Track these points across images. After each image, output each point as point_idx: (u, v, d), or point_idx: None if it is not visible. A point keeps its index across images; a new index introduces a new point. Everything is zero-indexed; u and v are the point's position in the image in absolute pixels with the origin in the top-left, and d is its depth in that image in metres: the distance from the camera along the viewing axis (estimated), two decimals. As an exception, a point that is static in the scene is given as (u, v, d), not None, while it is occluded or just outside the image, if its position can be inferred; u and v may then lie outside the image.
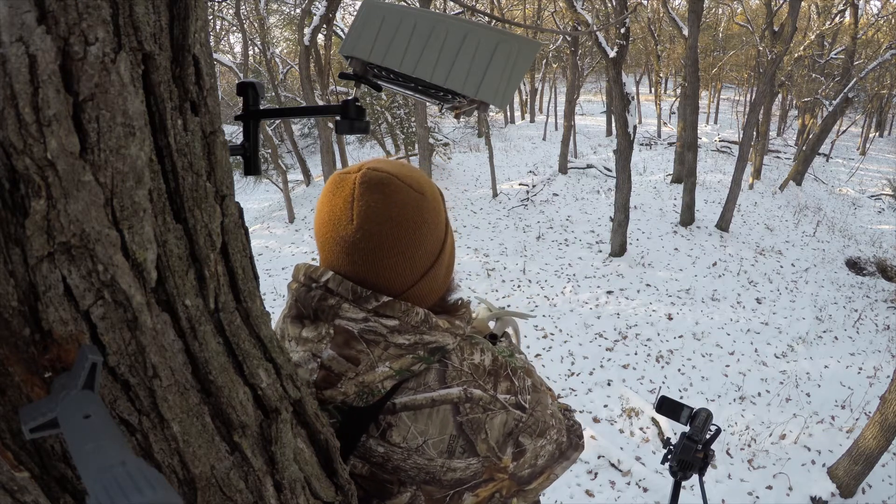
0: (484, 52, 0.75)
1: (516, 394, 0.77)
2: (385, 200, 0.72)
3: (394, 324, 0.71)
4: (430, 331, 0.73)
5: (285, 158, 17.97)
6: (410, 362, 0.72)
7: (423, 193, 0.75)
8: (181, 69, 0.46)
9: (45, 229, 0.38)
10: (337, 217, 0.73)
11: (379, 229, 0.71)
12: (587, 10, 11.27)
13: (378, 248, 0.72)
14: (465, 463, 0.73)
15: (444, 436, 0.72)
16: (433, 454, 0.72)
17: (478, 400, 0.73)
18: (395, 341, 0.71)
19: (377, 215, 0.71)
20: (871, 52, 18.65)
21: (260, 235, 11.99)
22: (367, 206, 0.71)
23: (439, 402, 0.72)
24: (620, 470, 5.20)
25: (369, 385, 0.71)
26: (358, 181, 0.72)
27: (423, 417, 0.72)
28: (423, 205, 0.74)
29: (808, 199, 14.79)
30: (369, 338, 0.71)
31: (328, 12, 10.54)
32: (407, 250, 0.73)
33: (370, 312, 0.71)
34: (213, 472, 0.52)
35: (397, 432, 0.71)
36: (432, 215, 0.75)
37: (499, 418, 0.75)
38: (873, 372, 7.07)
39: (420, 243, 0.74)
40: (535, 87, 26.09)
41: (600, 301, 8.48)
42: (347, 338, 0.71)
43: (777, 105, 22.22)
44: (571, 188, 14.14)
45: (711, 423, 1.60)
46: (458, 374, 0.73)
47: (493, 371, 0.77)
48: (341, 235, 0.73)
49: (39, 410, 0.37)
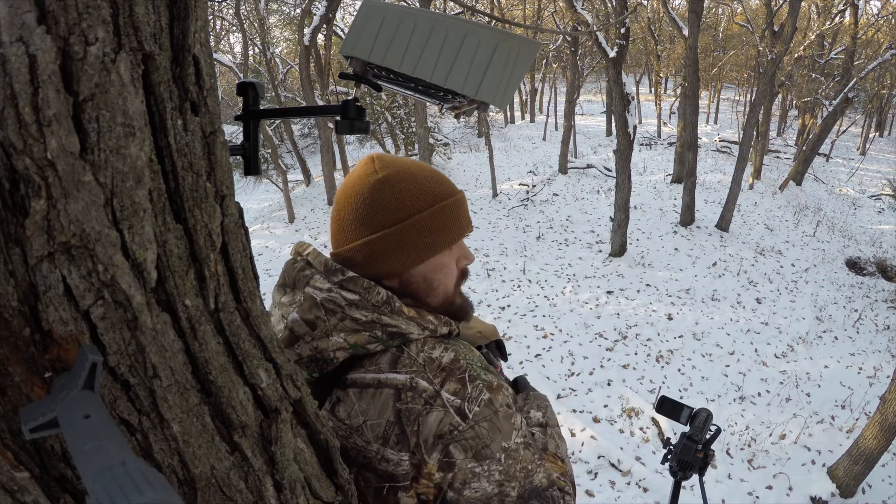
0: (484, 52, 0.75)
1: (463, 399, 0.73)
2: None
3: (354, 297, 0.76)
4: (391, 314, 0.76)
5: (285, 158, 17.97)
6: (367, 340, 0.75)
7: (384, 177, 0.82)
8: (181, 69, 0.46)
9: (45, 229, 0.38)
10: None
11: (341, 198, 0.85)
12: (587, 10, 11.27)
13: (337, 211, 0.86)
14: (398, 457, 0.72)
15: (382, 420, 0.73)
16: (370, 437, 0.73)
17: (421, 391, 0.72)
18: (351, 314, 0.75)
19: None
20: (871, 52, 18.66)
21: (260, 235, 11.98)
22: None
23: (384, 385, 0.74)
24: (620, 470, 5.20)
25: (322, 352, 0.75)
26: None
27: (366, 397, 0.74)
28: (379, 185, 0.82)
29: (808, 199, 14.79)
30: (329, 307, 0.76)
31: (328, 12, 10.54)
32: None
33: (335, 284, 0.77)
34: (213, 472, 0.52)
35: (343, 408, 0.75)
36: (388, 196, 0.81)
37: (434, 415, 0.72)
38: (873, 372, 7.06)
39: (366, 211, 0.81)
40: (535, 87, 26.09)
41: (600, 301, 8.48)
42: (311, 304, 0.77)
43: (777, 105, 22.22)
44: (571, 188, 14.14)
45: (711, 423, 1.60)
46: (411, 362, 0.74)
47: (448, 369, 0.75)
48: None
49: (39, 410, 0.37)
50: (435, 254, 0.82)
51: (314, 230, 12.22)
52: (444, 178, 0.85)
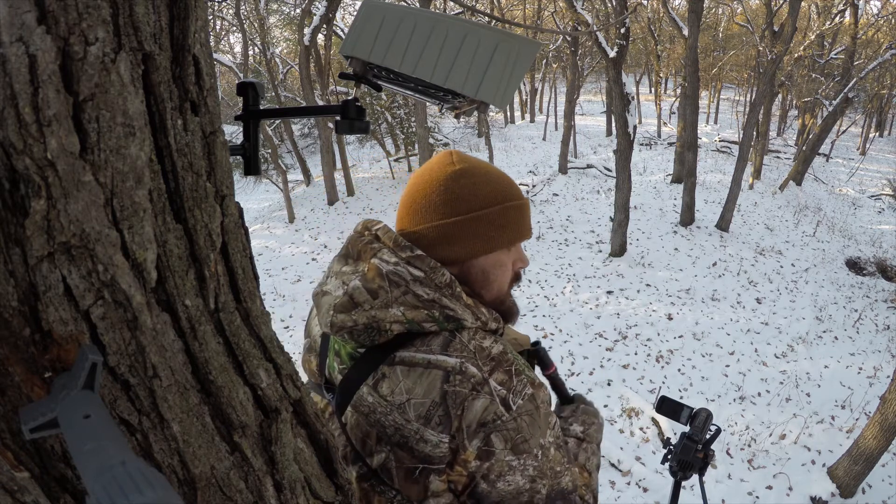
0: (484, 52, 0.75)
1: (509, 390, 0.75)
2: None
3: (419, 274, 0.78)
4: (451, 297, 0.78)
5: (285, 158, 17.97)
6: (424, 318, 0.76)
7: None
8: (181, 69, 0.46)
9: (45, 229, 0.38)
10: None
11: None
12: (587, 10, 11.27)
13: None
14: (438, 438, 0.73)
15: (427, 399, 0.73)
16: (411, 416, 0.74)
17: (470, 376, 0.74)
18: (414, 290, 0.77)
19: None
20: (871, 52, 18.66)
21: (260, 235, 11.98)
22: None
23: (434, 366, 0.74)
24: (620, 470, 5.20)
25: (379, 322, 0.76)
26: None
27: (414, 375, 0.75)
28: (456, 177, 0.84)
29: (808, 199, 14.79)
30: (393, 279, 0.78)
31: (328, 12, 10.54)
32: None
33: (402, 260, 0.79)
34: (213, 472, 0.52)
35: (387, 384, 0.75)
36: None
37: (480, 402, 0.73)
38: (873, 372, 7.06)
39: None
40: (535, 87, 26.09)
41: (600, 301, 8.48)
42: (376, 274, 0.78)
43: (777, 105, 22.22)
44: (571, 188, 14.14)
45: (711, 423, 1.60)
46: (462, 347, 0.76)
47: (497, 359, 0.76)
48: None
49: (39, 410, 0.37)
50: (498, 248, 0.85)
51: (314, 230, 12.22)
52: (513, 182, 0.89)
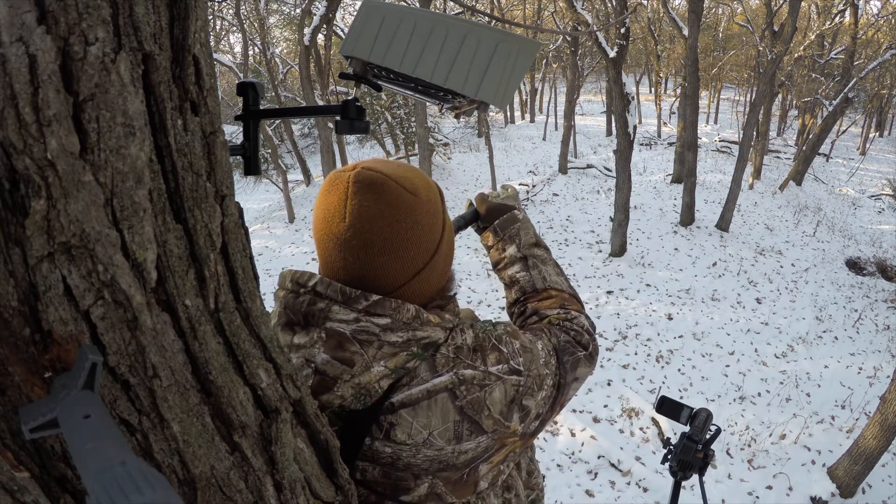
0: (484, 52, 0.75)
1: (507, 361, 0.77)
2: (377, 200, 0.72)
3: (385, 322, 0.71)
4: (421, 326, 0.73)
5: (285, 158, 17.97)
6: (405, 360, 0.72)
7: (417, 195, 0.75)
8: (181, 69, 0.46)
9: (45, 229, 0.38)
10: (331, 215, 0.74)
11: (370, 227, 0.72)
12: (587, 10, 11.27)
13: (369, 246, 0.73)
14: (475, 443, 0.74)
15: (448, 423, 0.72)
16: (441, 444, 0.72)
17: (471, 380, 0.73)
18: (388, 339, 0.71)
19: (368, 214, 0.72)
20: (871, 52, 18.66)
21: (260, 235, 11.98)
22: (359, 205, 0.72)
23: (435, 392, 0.72)
24: (620, 470, 5.20)
25: (366, 386, 0.71)
26: (351, 180, 0.73)
27: (422, 411, 0.72)
28: (416, 206, 0.74)
29: (808, 199, 14.79)
30: (362, 338, 0.70)
31: (328, 12, 10.53)
32: (398, 250, 0.73)
33: (361, 312, 0.71)
34: (213, 472, 0.52)
35: (401, 430, 0.72)
36: (426, 217, 0.76)
37: (497, 391, 0.74)
38: (873, 372, 7.06)
39: (412, 244, 0.74)
40: (535, 87, 26.08)
41: (600, 301, 8.48)
42: (340, 340, 0.71)
43: (777, 105, 22.23)
44: (571, 188, 14.14)
45: (711, 423, 1.60)
46: (446, 360, 0.73)
47: (478, 346, 0.76)
48: (334, 233, 0.74)
49: (39, 410, 0.37)
50: (445, 231, 0.83)
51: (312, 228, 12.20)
52: (401, 163, 0.84)
